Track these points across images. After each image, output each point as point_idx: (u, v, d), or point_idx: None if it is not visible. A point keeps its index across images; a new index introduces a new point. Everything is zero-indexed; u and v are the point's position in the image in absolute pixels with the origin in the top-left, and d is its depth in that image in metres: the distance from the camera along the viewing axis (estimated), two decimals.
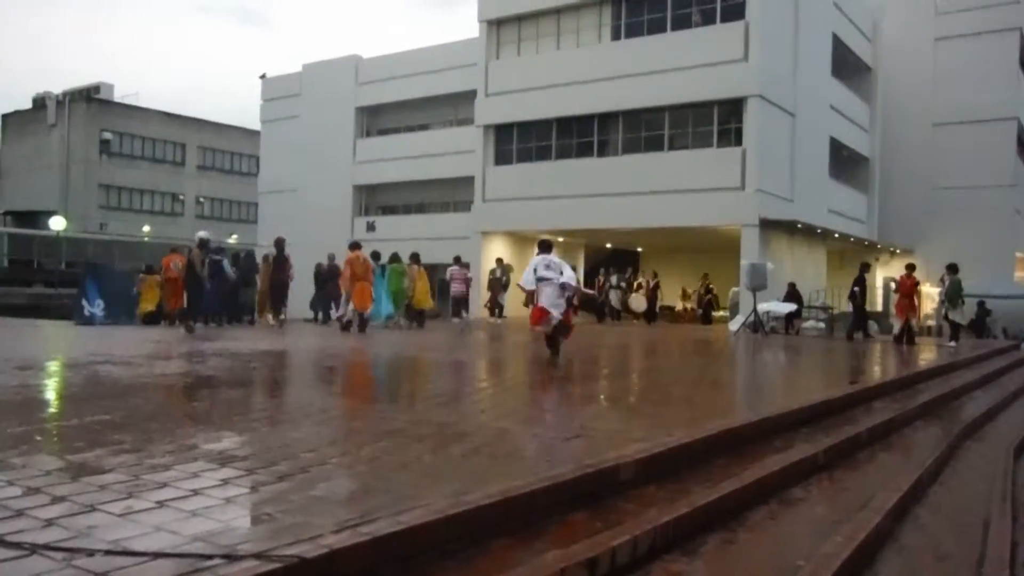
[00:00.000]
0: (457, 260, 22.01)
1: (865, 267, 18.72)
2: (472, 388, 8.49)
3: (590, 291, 24.14)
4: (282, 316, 17.73)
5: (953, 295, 17.28)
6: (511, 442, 4.92)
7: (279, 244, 17.76)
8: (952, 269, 17.25)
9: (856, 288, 18.08)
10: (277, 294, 17.51)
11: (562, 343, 10.75)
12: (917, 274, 18.23)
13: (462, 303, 21.94)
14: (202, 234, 15.80)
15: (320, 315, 19.78)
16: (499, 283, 22.34)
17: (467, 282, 21.96)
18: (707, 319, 26.52)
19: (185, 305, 15.42)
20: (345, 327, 15.76)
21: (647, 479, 4.30)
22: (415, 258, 18.50)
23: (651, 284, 24.82)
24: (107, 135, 51.22)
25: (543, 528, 3.46)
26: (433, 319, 19.61)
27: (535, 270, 10.68)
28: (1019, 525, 5.12)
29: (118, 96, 55.57)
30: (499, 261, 22.61)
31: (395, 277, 17.60)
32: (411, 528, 2.95)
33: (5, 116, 55.97)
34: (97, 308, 17.30)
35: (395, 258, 18.00)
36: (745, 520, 4.22)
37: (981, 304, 25.91)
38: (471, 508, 3.25)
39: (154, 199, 53.75)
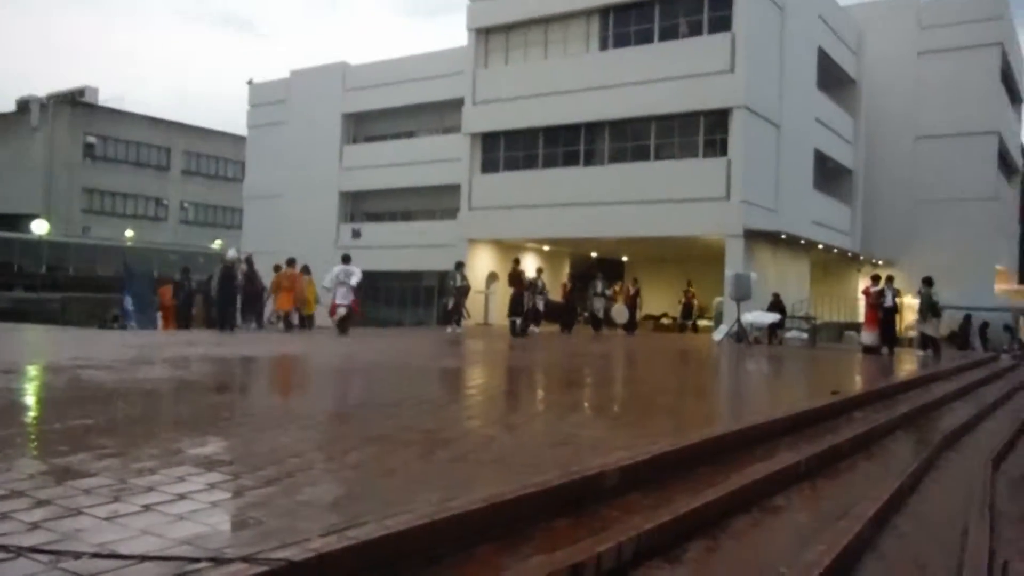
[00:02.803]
0: (459, 266, 21.20)
1: (877, 279, 18.56)
2: (458, 395, 8.50)
3: (555, 300, 23.88)
4: (253, 325, 19.11)
5: (926, 307, 17.65)
6: (497, 448, 4.94)
7: (249, 261, 19.27)
8: (927, 282, 17.67)
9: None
10: (249, 305, 19.10)
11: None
12: (899, 286, 18.52)
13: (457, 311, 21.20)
14: (231, 253, 18.59)
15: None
16: (463, 291, 20.48)
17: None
18: (693, 327, 26.57)
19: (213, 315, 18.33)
20: (287, 328, 18.66)
21: (631, 486, 4.33)
22: (304, 269, 20.01)
23: (631, 292, 24.54)
24: (91, 139, 50.90)
25: (529, 534, 3.48)
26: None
27: (336, 276, 16.35)
28: (997, 534, 5.19)
29: (103, 100, 55.24)
30: (460, 265, 20.82)
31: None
32: (397, 533, 2.96)
33: None
34: (131, 314, 19.20)
35: (459, 266, 20.45)
36: (728, 527, 4.26)
37: (967, 317, 26.23)
38: (457, 513, 3.27)
39: (138, 203, 53.38)
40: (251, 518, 3.12)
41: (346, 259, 18.31)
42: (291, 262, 19.55)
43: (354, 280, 17.70)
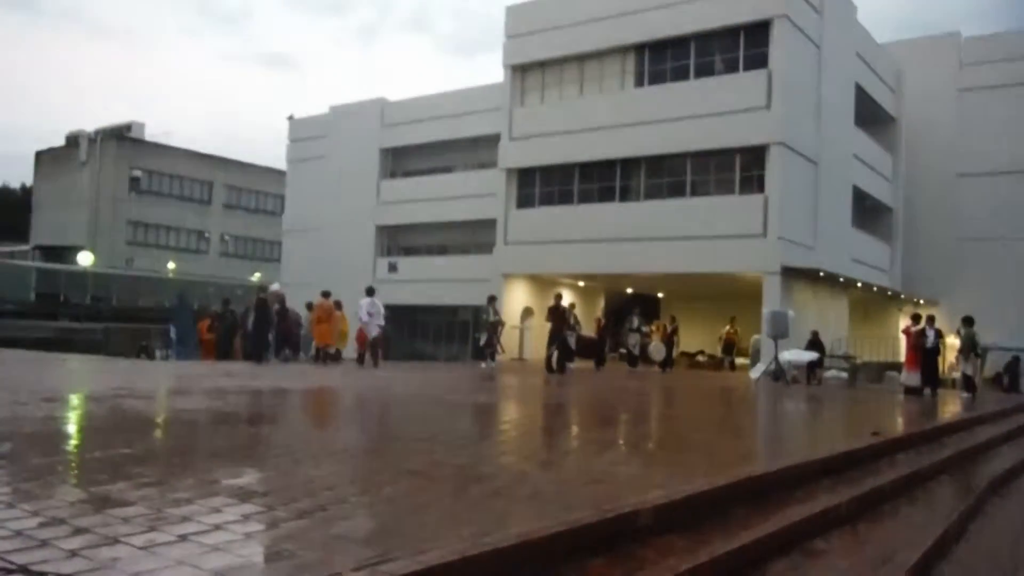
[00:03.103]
0: (492, 300, 20.90)
1: (917, 318, 18.25)
2: (491, 431, 8.47)
3: (588, 335, 23.57)
4: (285, 354, 19.81)
5: (967, 347, 17.30)
6: (530, 485, 4.90)
7: (281, 299, 19.89)
8: (967, 322, 17.32)
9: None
10: (281, 339, 19.66)
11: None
12: (941, 325, 18.16)
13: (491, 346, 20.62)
14: (275, 287, 20.08)
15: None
16: (495, 325, 20.43)
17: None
18: (731, 366, 26.20)
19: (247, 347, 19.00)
20: (322, 360, 18.98)
21: (666, 526, 4.26)
22: (336, 304, 20.27)
23: (668, 330, 24.16)
24: (137, 173, 52.24)
25: (560, 572, 3.44)
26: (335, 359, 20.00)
27: (366, 308, 17.95)
28: None
29: (149, 135, 56.83)
30: (492, 299, 20.71)
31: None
32: (429, 568, 2.94)
33: (39, 153, 57.30)
34: (174, 335, 20.22)
35: (491, 300, 20.63)
36: (766, 571, 4.17)
37: (1015, 359, 25.59)
38: (489, 550, 3.24)
39: (180, 236, 54.54)
40: (285, 550, 3.12)
41: (371, 291, 18.82)
42: (326, 295, 19.89)
43: (381, 313, 18.50)
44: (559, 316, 19.55)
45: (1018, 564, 5.15)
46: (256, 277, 51.20)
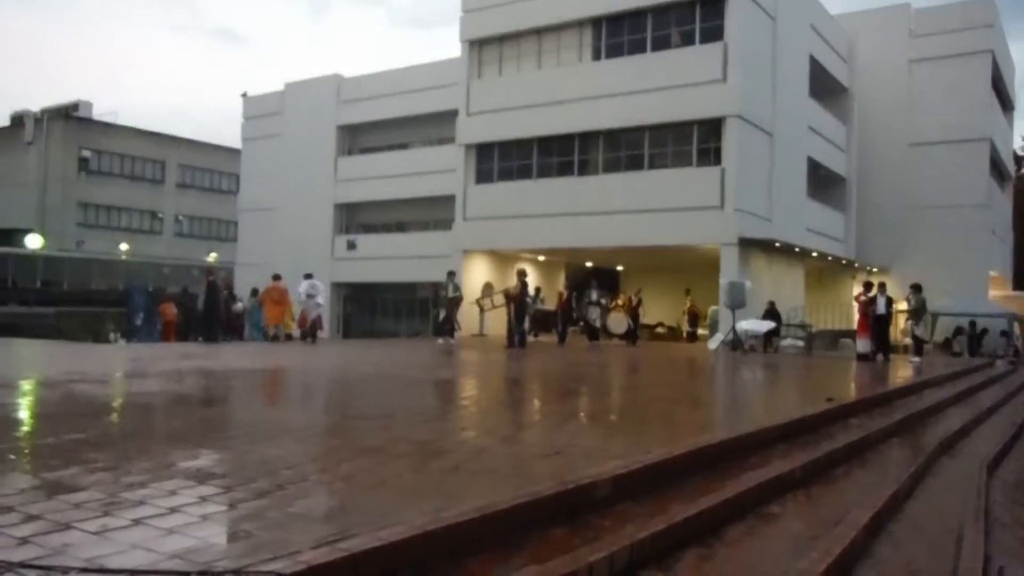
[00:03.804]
0: (451, 276, 20.82)
1: (869, 285, 18.77)
2: (452, 406, 8.49)
3: (547, 308, 23.64)
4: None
5: (918, 313, 17.84)
6: (490, 459, 4.93)
7: (228, 284, 21.69)
8: (916, 288, 17.87)
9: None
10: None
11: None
12: (893, 292, 18.67)
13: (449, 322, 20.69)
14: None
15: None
16: (454, 301, 20.34)
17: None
18: (690, 337, 26.56)
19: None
20: (273, 339, 19.55)
21: (625, 495, 4.32)
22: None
23: (634, 302, 24.30)
24: (85, 153, 50.83)
25: (522, 544, 3.47)
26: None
27: (304, 291, 19.01)
28: (992, 540, 5.19)
29: (97, 114, 55.19)
30: (451, 275, 20.62)
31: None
32: (390, 544, 2.95)
33: None
34: (139, 320, 20.66)
35: (451, 275, 20.64)
36: (722, 536, 4.25)
37: (972, 324, 26.38)
38: (449, 524, 3.26)
39: (132, 217, 53.29)
40: (242, 531, 3.10)
41: (308, 276, 20.02)
42: (277, 277, 20.46)
43: (320, 296, 19.99)
44: (521, 292, 19.57)
45: (965, 521, 5.32)
46: (212, 257, 50.38)
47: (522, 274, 20.05)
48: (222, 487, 3.80)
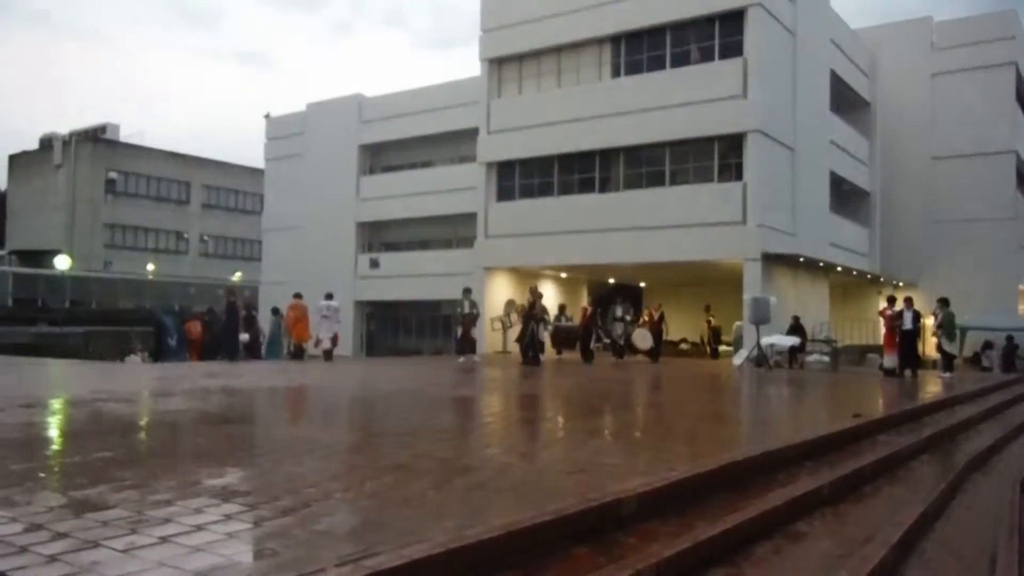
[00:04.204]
0: (467, 292, 20.38)
1: (892, 300, 18.70)
2: (475, 423, 8.47)
3: (569, 323, 23.33)
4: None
5: (947, 328, 17.59)
6: (514, 476, 4.91)
7: (248, 305, 22.06)
8: (944, 302, 17.64)
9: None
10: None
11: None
12: (919, 307, 18.44)
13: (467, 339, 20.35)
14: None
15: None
16: (470, 318, 19.94)
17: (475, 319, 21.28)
18: (713, 353, 26.29)
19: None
20: (295, 357, 20.10)
21: (650, 513, 4.28)
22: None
23: (655, 317, 23.75)
24: (112, 175, 51.66)
25: (546, 562, 3.45)
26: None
27: (320, 311, 19.67)
28: None
29: (123, 136, 56.20)
30: (467, 292, 20.21)
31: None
32: (413, 562, 2.94)
33: (12, 157, 56.54)
34: (173, 342, 20.81)
35: (466, 292, 20.37)
36: (749, 555, 4.20)
37: (1010, 339, 26.00)
38: (473, 542, 3.24)
39: (159, 237, 54.05)
40: (267, 548, 3.11)
41: (329, 296, 20.55)
42: (298, 296, 20.97)
43: (338, 315, 20.51)
44: (530, 309, 19.45)
45: (998, 538, 5.22)
46: (237, 276, 50.89)
47: (534, 291, 19.92)
48: (247, 505, 3.82)
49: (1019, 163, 33.10)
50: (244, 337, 21.11)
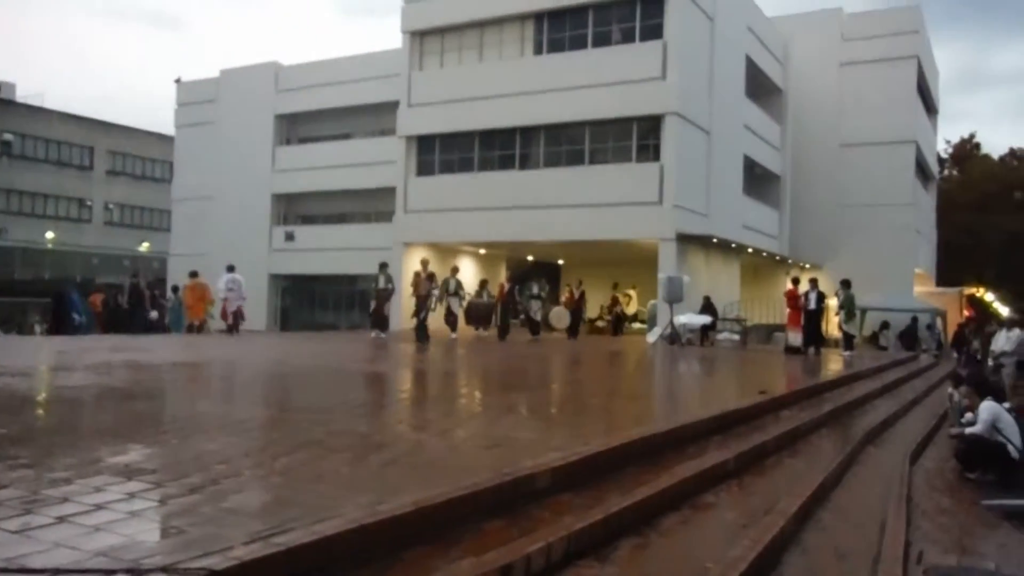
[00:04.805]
0: (383, 267, 19.92)
1: (797, 281, 19.35)
2: (390, 399, 8.43)
3: (483, 300, 22.76)
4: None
5: (847, 309, 18.36)
6: (430, 452, 4.92)
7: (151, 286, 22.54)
8: (845, 284, 18.38)
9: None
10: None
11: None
12: (824, 288, 19.22)
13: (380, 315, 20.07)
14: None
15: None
16: (385, 294, 19.61)
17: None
18: (616, 331, 26.37)
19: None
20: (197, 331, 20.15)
21: (564, 487, 4.36)
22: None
23: (575, 295, 23.80)
24: (8, 136, 48.74)
25: (459, 536, 3.47)
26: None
27: (226, 284, 19.63)
28: (913, 526, 5.40)
29: (20, 96, 53.00)
30: (383, 267, 19.71)
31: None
32: (325, 538, 2.92)
33: None
34: (82, 319, 20.28)
35: (382, 267, 19.90)
36: (658, 525, 4.33)
37: (914, 320, 27.31)
38: (386, 518, 3.24)
39: (59, 204, 51.32)
40: (172, 527, 3.03)
41: (231, 268, 20.43)
42: (195, 274, 20.96)
43: (242, 289, 20.37)
44: (420, 284, 18.83)
45: (888, 508, 5.52)
46: (144, 247, 49.01)
47: (425, 264, 19.22)
48: (152, 483, 3.70)
49: (919, 152, 34.79)
50: (153, 315, 21.22)
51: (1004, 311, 36.28)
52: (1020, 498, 6.68)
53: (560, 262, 33.98)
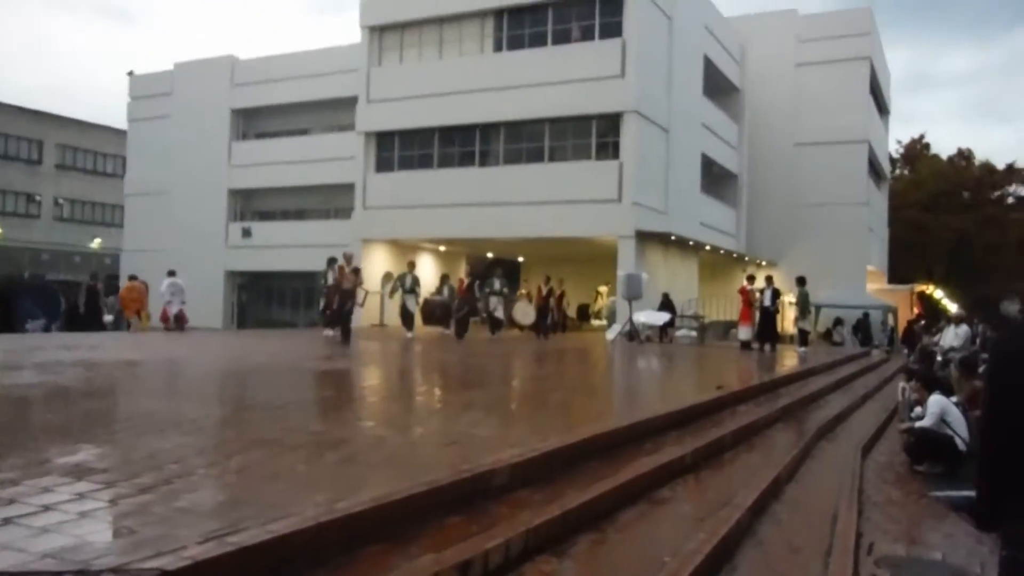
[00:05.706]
0: (331, 263, 18.54)
1: (752, 278, 19.67)
2: (348, 396, 8.37)
3: (439, 298, 21.70)
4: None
5: (802, 305, 18.72)
6: (388, 449, 4.89)
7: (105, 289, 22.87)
8: (800, 282, 18.71)
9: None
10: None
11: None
12: (780, 286, 19.56)
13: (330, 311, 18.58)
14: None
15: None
16: (335, 289, 17.87)
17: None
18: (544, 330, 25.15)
19: None
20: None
21: (522, 483, 4.37)
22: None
23: (544, 292, 22.93)
24: None
25: (418, 533, 3.46)
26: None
27: (169, 288, 20.15)
28: (864, 518, 5.51)
29: None
30: (331, 262, 18.42)
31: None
32: (280, 537, 2.89)
33: None
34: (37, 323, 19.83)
35: (331, 262, 18.60)
36: (615, 520, 4.36)
37: (866, 315, 27.88)
38: (343, 515, 3.21)
39: (6, 199, 49.93)
40: (124, 527, 2.97)
41: (172, 273, 20.93)
42: (133, 278, 21.58)
43: (183, 294, 20.79)
44: (340, 279, 17.93)
45: (840, 500, 5.63)
46: (96, 243, 47.90)
47: (348, 258, 17.83)
48: (103, 483, 3.62)
49: (871, 152, 35.52)
50: (108, 319, 21.39)
51: (952, 307, 37.26)
52: (966, 490, 6.86)
53: (520, 259, 34.01)
